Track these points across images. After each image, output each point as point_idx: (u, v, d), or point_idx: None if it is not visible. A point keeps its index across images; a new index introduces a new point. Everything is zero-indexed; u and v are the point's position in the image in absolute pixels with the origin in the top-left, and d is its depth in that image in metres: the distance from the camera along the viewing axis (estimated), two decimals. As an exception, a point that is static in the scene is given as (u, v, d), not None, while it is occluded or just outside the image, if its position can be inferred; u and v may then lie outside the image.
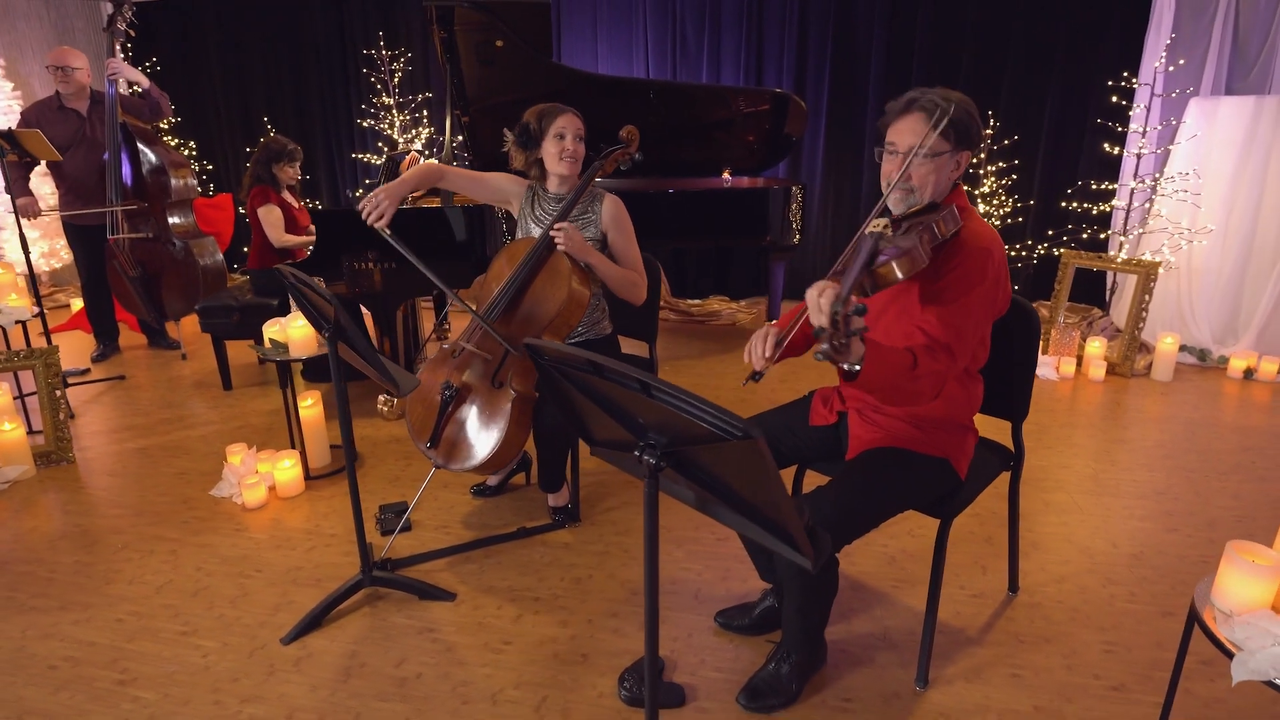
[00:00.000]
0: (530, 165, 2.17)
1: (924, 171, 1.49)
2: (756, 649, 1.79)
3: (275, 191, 3.41)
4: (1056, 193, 4.30)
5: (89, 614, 1.94)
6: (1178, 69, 3.83)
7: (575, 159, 2.11)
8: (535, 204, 2.22)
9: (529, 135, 2.11)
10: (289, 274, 1.79)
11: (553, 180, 2.18)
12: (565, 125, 2.07)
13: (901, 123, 1.50)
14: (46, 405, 2.75)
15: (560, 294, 2.01)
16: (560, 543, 2.25)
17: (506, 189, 2.25)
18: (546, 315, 2.03)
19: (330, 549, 2.22)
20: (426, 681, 1.70)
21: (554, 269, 2.05)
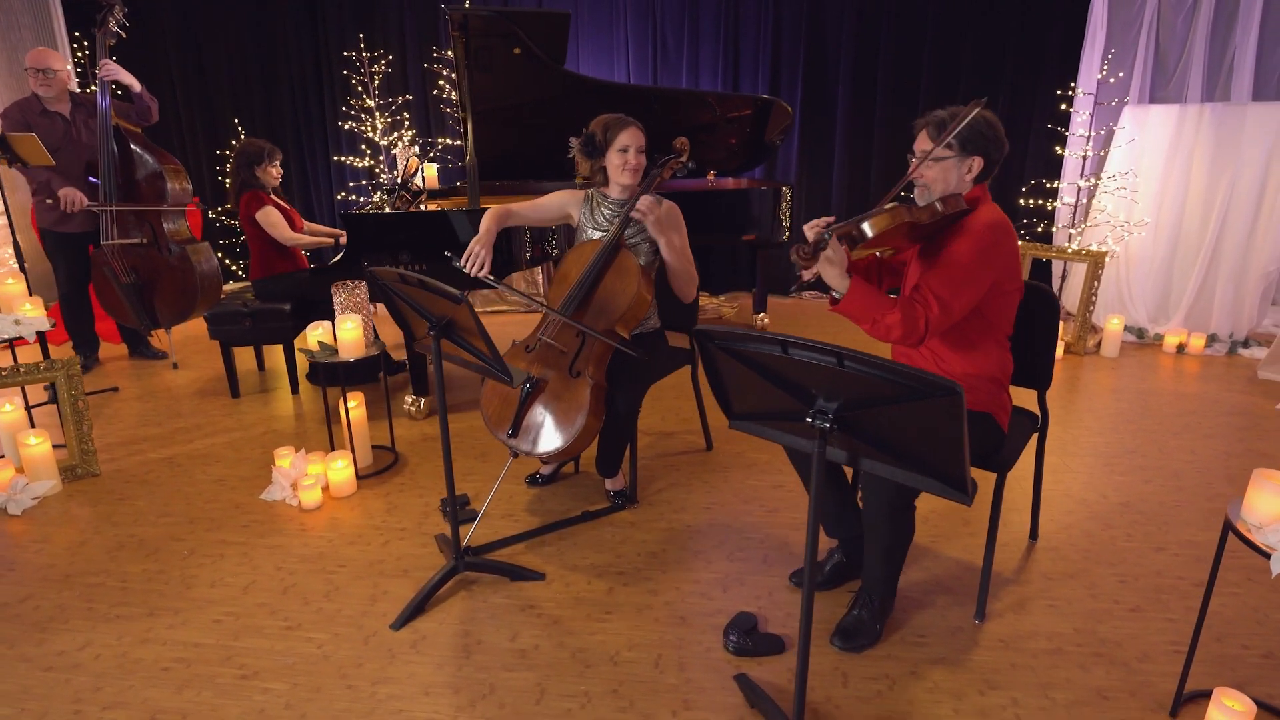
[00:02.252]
0: (595, 172, 2.31)
1: (934, 173, 1.77)
2: (832, 600, 2.00)
3: (266, 193, 3.38)
4: (1007, 190, 4.74)
5: (182, 618, 1.95)
6: (1116, 79, 4.31)
7: (637, 170, 2.27)
8: (594, 211, 2.36)
9: (594, 145, 2.25)
10: (382, 274, 1.86)
11: (614, 188, 2.32)
12: (629, 140, 2.23)
13: (920, 135, 1.81)
14: (70, 418, 2.66)
15: (630, 289, 2.17)
16: (625, 522, 2.40)
17: (566, 204, 2.40)
18: (618, 309, 2.18)
19: (404, 542, 2.29)
20: (544, 651, 1.82)
21: (622, 266, 2.20)
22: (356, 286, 2.62)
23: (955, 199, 1.71)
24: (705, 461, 2.81)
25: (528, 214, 2.39)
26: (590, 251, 2.24)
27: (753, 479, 2.66)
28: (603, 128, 2.24)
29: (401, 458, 2.85)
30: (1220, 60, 4.33)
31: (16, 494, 2.50)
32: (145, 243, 3.52)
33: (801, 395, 1.28)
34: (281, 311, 3.35)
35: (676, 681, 1.73)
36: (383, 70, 4.88)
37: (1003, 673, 1.75)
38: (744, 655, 1.81)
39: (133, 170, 3.47)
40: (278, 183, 3.44)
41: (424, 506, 2.50)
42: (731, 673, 1.75)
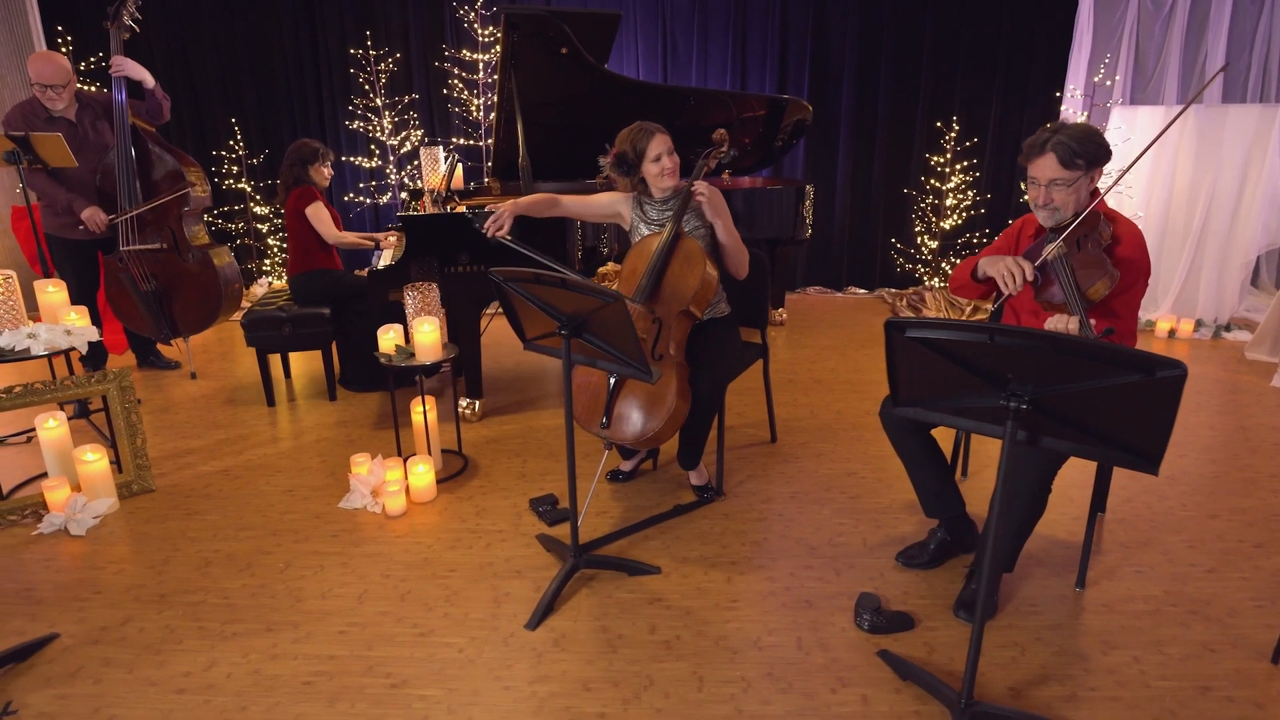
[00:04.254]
0: (636, 185, 2.36)
1: (1064, 195, 1.85)
2: (942, 577, 2.10)
3: (317, 191, 3.30)
4: (1001, 187, 5.00)
5: (304, 631, 1.90)
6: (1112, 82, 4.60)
7: (675, 171, 2.34)
8: (644, 210, 2.41)
9: (627, 162, 2.31)
10: (510, 273, 1.86)
11: (658, 192, 2.38)
12: (659, 147, 2.30)
13: (1040, 160, 1.84)
14: (124, 432, 2.53)
15: (697, 274, 2.23)
16: (719, 514, 2.44)
17: (616, 204, 2.45)
18: (687, 294, 2.23)
19: (508, 543, 2.28)
20: (687, 641, 1.86)
21: (687, 253, 2.26)
22: (429, 288, 2.58)
23: (1104, 222, 1.80)
24: (773, 453, 2.88)
25: (575, 208, 2.44)
26: (653, 244, 2.29)
27: (825, 468, 2.75)
28: (630, 144, 2.30)
29: (470, 461, 2.82)
30: (1193, 64, 4.68)
31: (77, 513, 2.36)
32: (165, 248, 3.35)
33: (995, 379, 1.36)
34: (321, 316, 3.25)
35: (824, 661, 1.79)
36: (389, 69, 4.77)
37: (1116, 634, 1.89)
38: (878, 633, 1.88)
39: (151, 172, 3.30)
40: (327, 183, 3.35)
41: (512, 508, 2.48)
42: (871, 649, 1.83)
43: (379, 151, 4.88)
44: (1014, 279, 1.76)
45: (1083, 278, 1.73)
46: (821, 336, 4.37)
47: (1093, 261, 1.74)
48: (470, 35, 4.80)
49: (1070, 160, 1.78)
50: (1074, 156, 1.77)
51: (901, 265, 5.19)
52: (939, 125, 4.86)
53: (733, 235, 2.36)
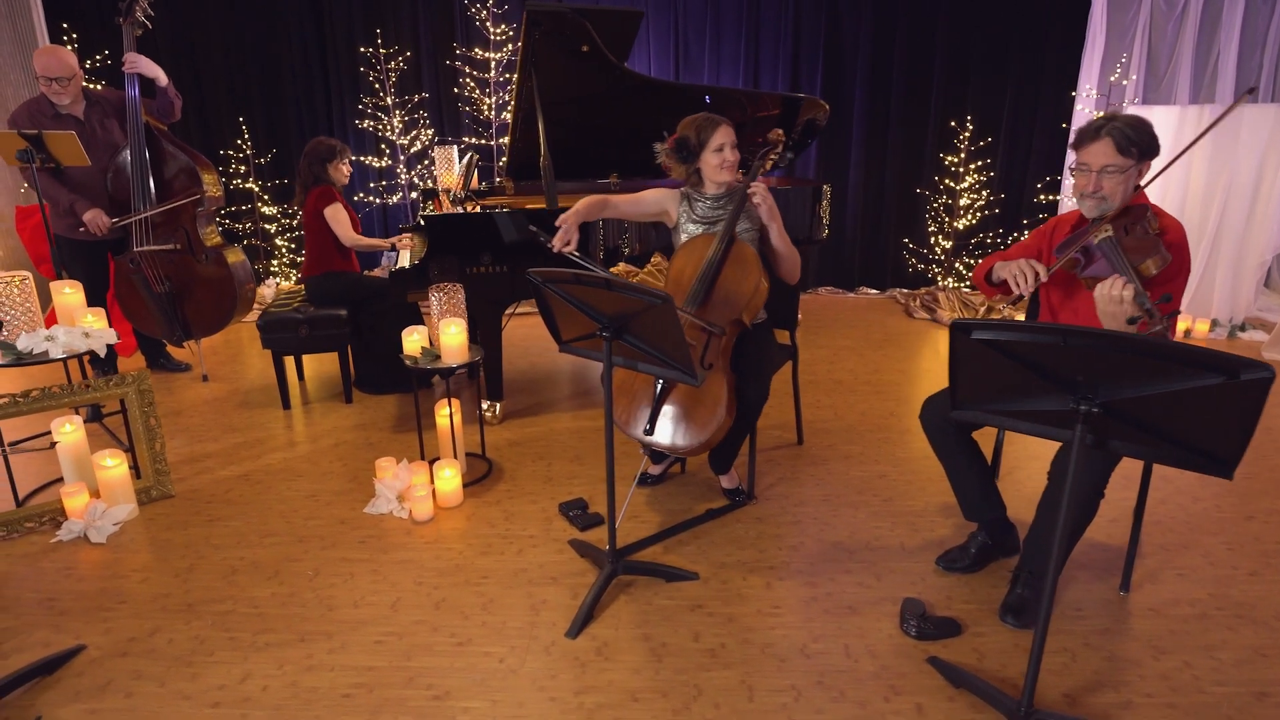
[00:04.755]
0: (690, 175, 2.32)
1: (1114, 183, 1.82)
2: (984, 581, 2.07)
3: (336, 191, 3.25)
4: (1013, 187, 4.98)
5: (339, 641, 1.85)
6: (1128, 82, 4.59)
7: (734, 166, 2.29)
8: (692, 207, 2.36)
9: (688, 149, 2.26)
10: (550, 274, 1.82)
11: (711, 186, 2.34)
12: (724, 138, 2.25)
13: (1094, 146, 1.80)
14: (143, 436, 2.48)
15: (751, 280, 2.19)
16: (751, 519, 2.41)
17: (663, 201, 2.40)
18: (741, 301, 2.19)
19: (540, 549, 2.24)
20: (732, 649, 1.82)
21: (741, 257, 2.21)
22: (454, 289, 2.54)
23: (1151, 213, 1.78)
24: (801, 455, 2.85)
25: (624, 208, 2.39)
26: (704, 246, 2.25)
27: (855, 470, 2.72)
28: (695, 130, 2.25)
29: (495, 465, 2.77)
30: (1205, 64, 4.67)
31: (96, 520, 2.31)
32: (179, 249, 3.29)
33: (1065, 382, 1.33)
34: (338, 317, 3.20)
35: (874, 668, 1.76)
36: (398, 67, 4.71)
37: (1165, 638, 1.86)
38: (926, 639, 1.85)
39: (164, 171, 3.24)
40: (346, 181, 3.29)
41: (541, 513, 2.44)
42: (919, 656, 1.79)
43: (389, 151, 4.82)
44: (1025, 279, 1.80)
45: (1134, 256, 1.70)
46: (838, 337, 4.34)
47: (1144, 244, 1.72)
48: (481, 33, 4.76)
49: (1126, 147, 1.75)
50: (1130, 144, 1.75)
51: (914, 265, 5.17)
52: (953, 125, 4.84)
53: (787, 240, 2.31)
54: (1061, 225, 2.04)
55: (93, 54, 4.54)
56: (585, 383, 3.66)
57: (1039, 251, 2.08)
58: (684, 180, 2.38)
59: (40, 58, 3.04)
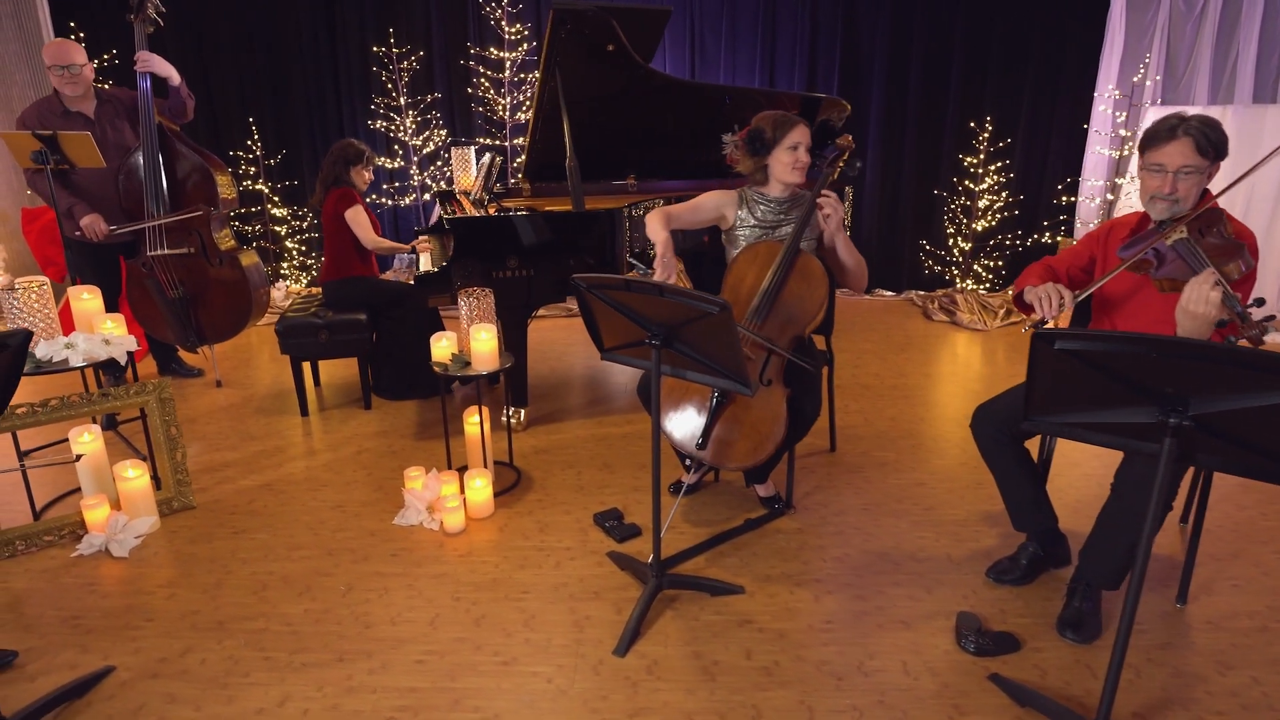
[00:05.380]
0: (756, 170, 2.25)
1: (1188, 185, 1.76)
2: (1037, 593, 2.02)
3: (357, 194, 3.18)
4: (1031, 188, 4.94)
5: (379, 661, 1.78)
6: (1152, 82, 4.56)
7: (805, 168, 2.22)
8: (751, 209, 2.30)
9: (763, 142, 2.19)
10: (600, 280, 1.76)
11: (775, 186, 2.27)
12: (800, 137, 2.18)
13: (1170, 147, 1.74)
14: (164, 445, 2.40)
15: (818, 294, 2.13)
16: (792, 529, 2.35)
17: (721, 204, 2.33)
18: (807, 315, 2.13)
19: (578, 562, 2.18)
20: (787, 666, 1.76)
21: (806, 270, 2.15)
22: (484, 294, 2.47)
23: (1225, 216, 1.73)
24: (835, 462, 2.79)
25: (686, 217, 2.30)
26: (769, 256, 2.18)
27: (892, 478, 2.67)
28: (772, 125, 2.19)
29: (523, 473, 2.71)
30: (1224, 65, 4.64)
31: (118, 533, 2.24)
32: (192, 252, 3.22)
33: (1153, 394, 1.28)
34: (359, 322, 3.13)
35: (935, 687, 1.70)
36: (411, 67, 4.64)
37: (1229, 652, 1.81)
38: (985, 655, 1.80)
39: (177, 173, 3.16)
40: (366, 187, 3.23)
41: (575, 524, 2.38)
42: (980, 673, 1.74)
43: (401, 152, 4.75)
44: (1050, 304, 1.78)
45: (1214, 259, 1.65)
46: (859, 340, 4.29)
47: (1225, 248, 1.66)
48: (496, 33, 4.69)
49: (1205, 148, 1.70)
50: (1209, 145, 1.69)
51: (930, 267, 5.13)
52: (972, 125, 4.80)
53: (854, 250, 2.25)
54: (1118, 228, 1.99)
55: (100, 53, 4.46)
56: (607, 388, 3.60)
57: (1091, 258, 2.03)
58: (747, 175, 2.31)
59: (48, 50, 2.98)
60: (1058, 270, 2.09)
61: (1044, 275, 2.07)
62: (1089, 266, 2.05)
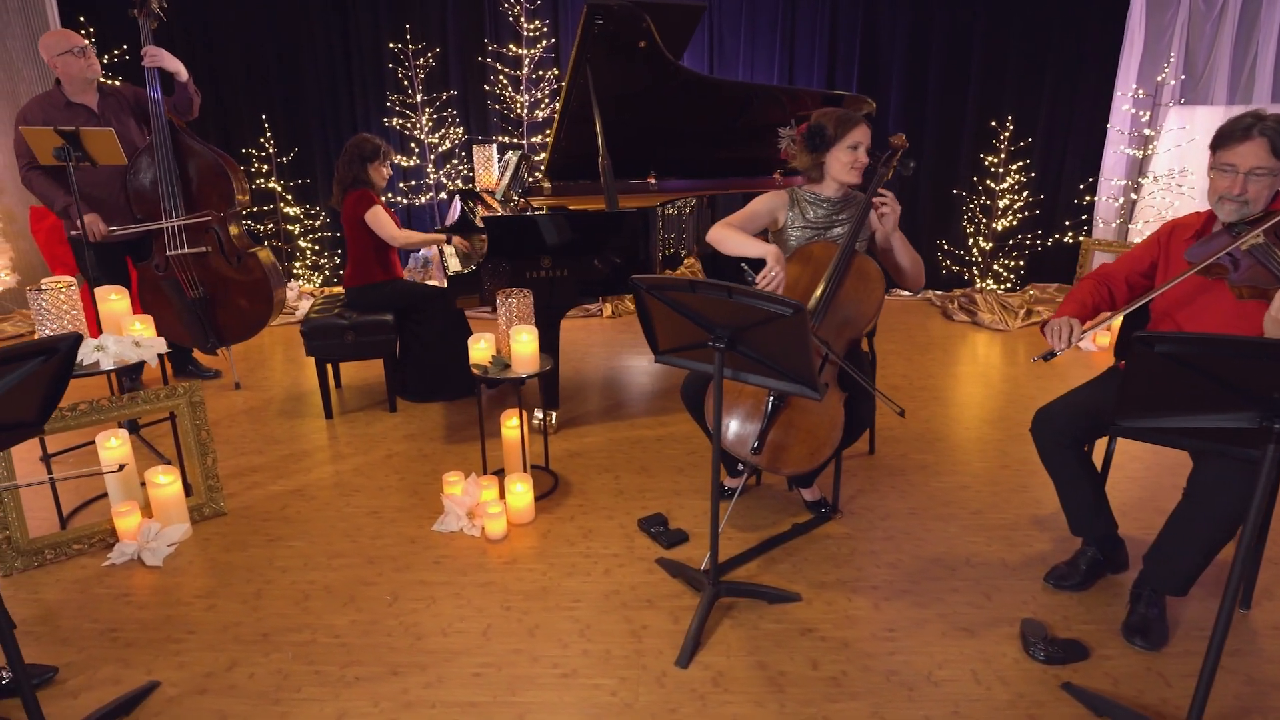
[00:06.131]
0: (813, 166, 2.21)
1: (1260, 186, 1.73)
2: (1098, 599, 1.98)
3: (375, 193, 3.10)
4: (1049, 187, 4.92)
5: (434, 674, 1.73)
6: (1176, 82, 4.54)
7: (862, 169, 2.18)
8: (802, 210, 2.25)
9: (823, 139, 2.14)
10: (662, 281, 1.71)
11: (830, 185, 2.23)
12: (861, 137, 2.14)
13: (1243, 147, 1.71)
14: (194, 450, 2.33)
15: (875, 296, 2.08)
16: (840, 534, 2.31)
17: (774, 208, 2.28)
18: (864, 317, 2.09)
19: (627, 569, 2.13)
20: (855, 677, 1.72)
21: (864, 272, 2.11)
22: (523, 295, 2.42)
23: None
24: (875, 465, 2.75)
25: (748, 226, 2.24)
26: (823, 255, 2.14)
27: (935, 481, 2.63)
28: (834, 122, 2.14)
29: (560, 478, 2.65)
30: (1242, 65, 4.64)
31: (150, 541, 2.17)
32: (210, 251, 3.15)
33: (1258, 400, 1.24)
34: (385, 323, 3.07)
35: (1009, 697, 1.66)
36: (427, 64, 4.57)
37: (1300, 660, 1.79)
38: (1054, 663, 1.76)
39: (189, 170, 3.08)
40: (385, 184, 3.15)
41: (619, 529, 2.33)
42: (1052, 682, 1.70)
43: (418, 150, 4.68)
44: (1061, 335, 1.85)
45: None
46: (881, 341, 4.25)
47: None
48: (513, 29, 4.63)
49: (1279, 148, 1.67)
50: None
51: (948, 267, 5.11)
52: (993, 125, 4.78)
53: (911, 250, 2.22)
54: (1180, 230, 1.95)
55: (110, 49, 4.36)
56: (630, 390, 3.54)
57: (1152, 262, 2.00)
58: (802, 171, 2.26)
59: (50, 39, 2.90)
60: (1114, 278, 2.06)
61: (1096, 287, 2.05)
62: (1149, 271, 2.02)
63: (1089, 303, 2.05)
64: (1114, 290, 2.06)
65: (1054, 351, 1.85)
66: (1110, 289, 2.06)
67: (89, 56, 2.93)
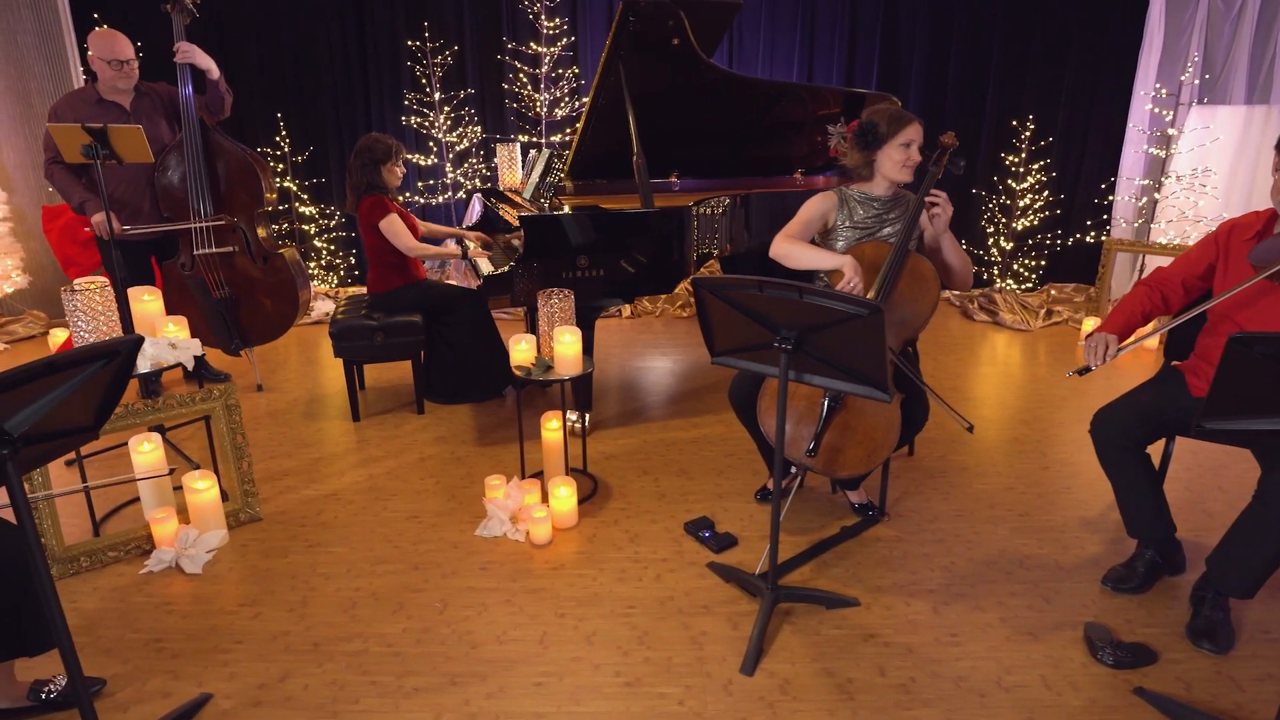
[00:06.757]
0: (863, 165, 2.18)
1: None
2: (1158, 601, 1.96)
3: (390, 199, 3.03)
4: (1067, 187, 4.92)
5: (495, 684, 1.69)
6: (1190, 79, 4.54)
7: (914, 168, 2.15)
8: (850, 210, 2.22)
9: (876, 136, 2.11)
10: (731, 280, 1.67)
11: (880, 184, 2.20)
12: (914, 135, 2.11)
13: None
14: (230, 455, 2.28)
15: (931, 296, 2.06)
16: (890, 537, 2.28)
17: (824, 211, 2.24)
18: (919, 318, 2.06)
19: (678, 574, 2.09)
20: (924, 683, 1.69)
21: (918, 272, 2.08)
22: (564, 295, 2.38)
23: None
24: (915, 467, 2.72)
25: (806, 233, 2.21)
26: (875, 256, 2.10)
27: (978, 483, 2.60)
28: (887, 120, 2.11)
29: (599, 481, 2.61)
30: (1261, 64, 4.64)
31: (188, 548, 2.12)
32: (236, 251, 3.09)
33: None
34: (414, 324, 3.02)
35: (1082, 703, 1.64)
36: (444, 62, 4.52)
37: (1369, 663, 1.77)
38: (1123, 668, 1.74)
39: (218, 169, 3.03)
40: (399, 183, 3.09)
41: (665, 533, 2.29)
42: (1123, 687, 1.68)
43: (435, 149, 4.62)
44: (1097, 353, 1.90)
45: None
46: (903, 341, 4.23)
47: None
48: (531, 27, 4.58)
49: None
50: None
51: (966, 267, 5.09)
52: (1014, 124, 4.77)
53: (960, 250, 2.20)
54: (1239, 230, 1.93)
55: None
56: (662, 391, 3.51)
57: (1209, 265, 1.97)
58: (852, 170, 2.22)
59: (100, 39, 2.84)
60: (1170, 281, 2.04)
61: (1149, 294, 2.03)
62: (1206, 274, 2.00)
63: (1139, 311, 2.04)
64: (1169, 294, 2.04)
65: (1089, 367, 1.91)
66: (1164, 294, 2.04)
67: (127, 72, 2.89)
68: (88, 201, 2.91)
